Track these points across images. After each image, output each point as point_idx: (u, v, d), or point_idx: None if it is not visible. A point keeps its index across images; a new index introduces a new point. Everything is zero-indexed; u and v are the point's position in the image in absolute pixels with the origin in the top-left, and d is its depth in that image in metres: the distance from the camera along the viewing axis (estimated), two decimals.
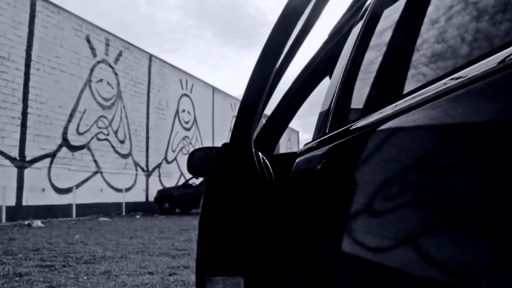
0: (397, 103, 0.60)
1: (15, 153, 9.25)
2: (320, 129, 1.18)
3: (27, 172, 9.37)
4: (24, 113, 9.68)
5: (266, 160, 1.29)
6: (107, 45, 12.65)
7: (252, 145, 1.21)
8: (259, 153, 1.29)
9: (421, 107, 0.51)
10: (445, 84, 0.47)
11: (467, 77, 0.43)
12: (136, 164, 13.23)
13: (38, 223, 7.78)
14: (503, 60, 0.38)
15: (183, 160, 15.61)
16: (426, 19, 0.68)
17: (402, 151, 0.55)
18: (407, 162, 0.52)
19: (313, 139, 1.14)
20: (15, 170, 9.07)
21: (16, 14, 9.68)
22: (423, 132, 0.50)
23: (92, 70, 11.96)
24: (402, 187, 0.52)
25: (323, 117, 1.20)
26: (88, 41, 12.05)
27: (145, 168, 13.50)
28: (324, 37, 1.83)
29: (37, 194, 9.48)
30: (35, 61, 10.17)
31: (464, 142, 0.42)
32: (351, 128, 0.77)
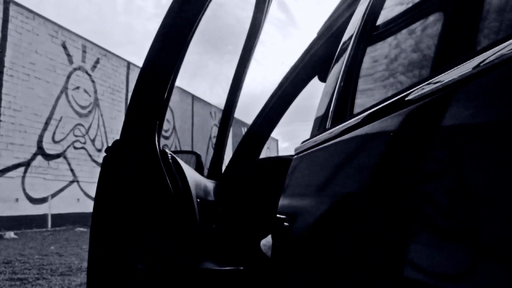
0: (395, 98, 0.58)
1: None
2: (318, 130, 1.15)
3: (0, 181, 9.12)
4: None
5: (174, 159, 1.23)
6: (84, 52, 12.47)
7: (156, 144, 1.16)
8: (166, 151, 1.23)
9: (420, 106, 0.51)
10: (444, 82, 0.47)
11: (465, 76, 0.42)
12: None
13: (10, 234, 7.55)
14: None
15: None
16: (427, 18, 0.68)
17: (398, 151, 0.54)
18: (405, 162, 0.51)
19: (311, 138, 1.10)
20: None
21: None
22: (424, 131, 0.49)
23: (68, 77, 11.76)
24: (397, 187, 0.51)
25: (320, 119, 1.18)
26: (65, 47, 11.85)
27: None
28: (302, 45, 1.79)
29: (10, 205, 9.22)
30: (9, 67, 9.94)
31: (462, 142, 0.41)
32: (349, 126, 0.75)
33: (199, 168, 1.91)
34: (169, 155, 1.23)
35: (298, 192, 0.98)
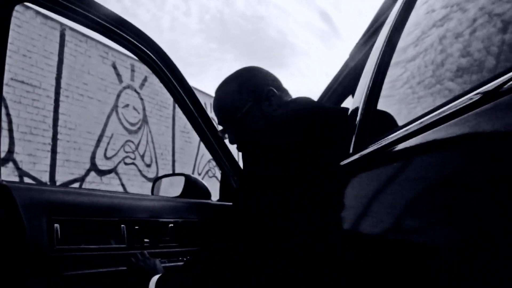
0: (423, 119, 0.60)
1: (46, 178, 9.47)
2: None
3: (29, 182, 9.53)
4: (54, 139, 9.94)
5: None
6: (133, 71, 12.95)
7: None
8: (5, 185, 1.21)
9: (447, 123, 0.51)
10: (471, 98, 0.47)
11: (493, 91, 0.42)
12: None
13: None
14: None
15: (208, 183, 15.62)
16: (449, 33, 0.69)
17: (430, 168, 0.54)
18: (437, 178, 0.51)
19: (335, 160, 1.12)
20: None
21: (47, 44, 10.04)
22: (452, 148, 0.49)
23: (118, 95, 12.23)
24: (432, 205, 0.51)
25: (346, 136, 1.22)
26: (114, 67, 12.35)
27: None
28: (346, 56, 1.86)
29: None
30: (64, 88, 10.47)
31: (494, 158, 0.40)
32: (382, 145, 0.75)
33: (188, 190, 1.93)
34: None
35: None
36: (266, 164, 1.12)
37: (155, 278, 1.25)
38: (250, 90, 1.35)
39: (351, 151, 0.97)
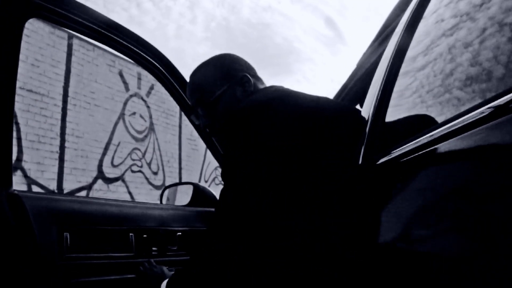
0: (433, 132, 0.59)
1: (53, 186, 9.52)
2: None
3: (39, 192, 9.59)
4: (62, 147, 9.99)
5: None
6: (139, 79, 13.02)
7: None
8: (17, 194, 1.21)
9: (458, 136, 0.51)
10: (483, 112, 0.46)
11: (505, 103, 0.42)
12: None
13: None
14: None
15: (215, 190, 15.63)
16: (458, 43, 0.69)
17: (440, 181, 0.54)
18: (447, 192, 0.51)
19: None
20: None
21: (55, 53, 10.13)
22: (462, 161, 0.49)
23: (125, 104, 12.29)
24: (443, 218, 0.51)
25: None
26: (121, 76, 12.43)
27: None
28: (353, 66, 1.86)
29: None
30: (72, 96, 10.54)
31: (505, 171, 0.40)
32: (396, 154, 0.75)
33: (196, 198, 1.94)
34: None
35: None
36: (238, 155, 1.13)
37: (164, 282, 1.26)
38: (225, 75, 1.35)
39: (360, 161, 0.96)
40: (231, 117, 1.21)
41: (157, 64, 1.70)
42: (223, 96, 1.33)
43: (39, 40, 10.47)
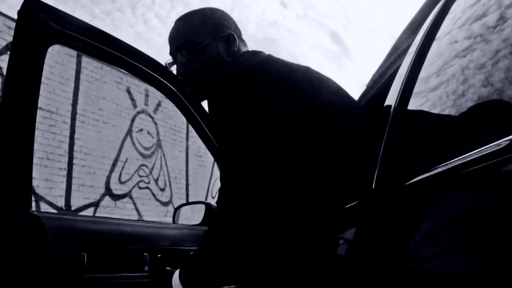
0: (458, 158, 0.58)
1: (61, 203, 9.56)
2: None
3: (57, 212, 9.63)
4: (70, 164, 10.06)
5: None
6: (147, 96, 13.13)
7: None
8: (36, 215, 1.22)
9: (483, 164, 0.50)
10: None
11: None
12: None
13: None
14: None
15: None
16: (472, 64, 0.69)
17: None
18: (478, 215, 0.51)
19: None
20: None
21: (64, 71, 10.26)
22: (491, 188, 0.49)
23: (133, 120, 12.38)
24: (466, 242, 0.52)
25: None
26: (129, 92, 12.53)
27: None
28: (357, 76, 1.88)
29: None
30: (80, 114, 10.64)
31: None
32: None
33: (209, 218, 1.91)
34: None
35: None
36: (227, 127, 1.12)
37: (176, 273, 1.25)
38: (213, 28, 1.33)
39: (373, 185, 0.96)
40: (222, 80, 1.19)
41: (166, 82, 1.73)
42: (206, 48, 1.31)
43: (48, 58, 10.52)
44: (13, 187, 1.15)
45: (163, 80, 1.63)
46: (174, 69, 1.42)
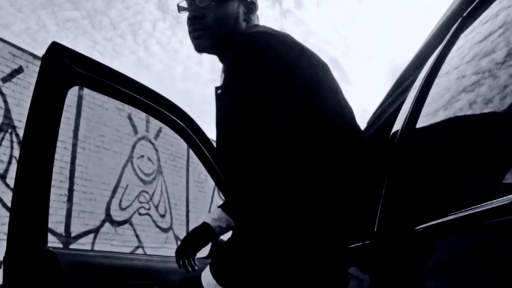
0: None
1: (61, 229, 9.51)
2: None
3: (72, 248, 9.56)
4: (71, 190, 10.04)
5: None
6: (148, 122, 13.19)
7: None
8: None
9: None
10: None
11: None
12: (177, 238, 13.29)
13: None
14: None
15: None
16: (479, 99, 0.68)
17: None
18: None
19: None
20: (60, 246, 9.26)
21: (66, 97, 10.29)
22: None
23: (133, 146, 12.41)
24: None
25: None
26: (130, 119, 12.59)
27: None
28: (357, 100, 1.89)
29: None
30: (81, 140, 10.67)
31: None
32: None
33: (215, 250, 1.93)
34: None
35: None
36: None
37: (206, 269, 1.22)
38: None
39: (375, 229, 0.93)
40: (250, 37, 1.18)
41: (177, 121, 1.77)
42: (230, 2, 1.31)
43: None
44: (30, 224, 1.18)
45: (177, 120, 1.68)
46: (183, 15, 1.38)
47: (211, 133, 1.47)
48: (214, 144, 1.91)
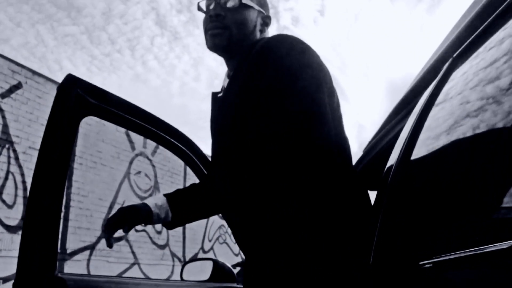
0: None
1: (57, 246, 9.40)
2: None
3: (67, 264, 9.49)
4: (67, 207, 10.00)
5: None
6: (145, 138, 13.13)
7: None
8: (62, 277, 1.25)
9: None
10: None
11: None
12: (173, 255, 13.20)
13: None
14: None
15: (219, 249, 15.48)
16: (483, 124, 0.67)
17: None
18: None
19: None
20: (70, 272, 9.19)
21: None
22: None
23: (131, 163, 12.40)
24: None
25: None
26: (128, 135, 12.61)
27: (182, 259, 13.43)
28: (353, 119, 1.89)
29: None
30: (79, 156, 10.66)
31: None
32: None
33: (216, 274, 1.96)
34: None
35: None
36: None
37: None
38: (263, 3, 1.43)
39: (371, 261, 0.90)
40: (277, 40, 1.22)
41: (187, 151, 1.79)
42: (251, 10, 1.36)
43: (50, 101, 10.61)
44: (40, 250, 1.19)
45: (187, 151, 1.71)
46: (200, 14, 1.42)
47: (208, 148, 1.48)
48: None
